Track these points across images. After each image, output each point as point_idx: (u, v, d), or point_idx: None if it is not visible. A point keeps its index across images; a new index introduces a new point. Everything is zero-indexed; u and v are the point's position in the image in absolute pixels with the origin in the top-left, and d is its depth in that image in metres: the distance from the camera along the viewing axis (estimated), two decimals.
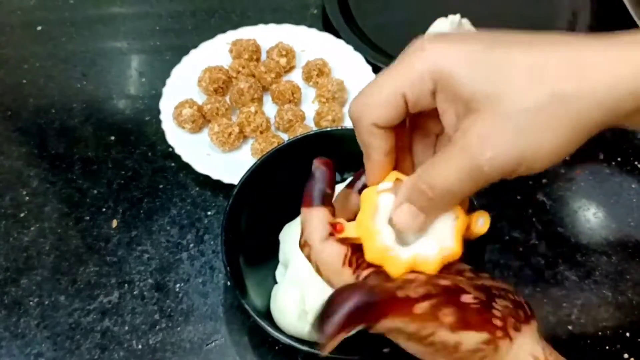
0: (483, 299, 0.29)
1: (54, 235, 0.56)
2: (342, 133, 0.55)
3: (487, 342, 0.29)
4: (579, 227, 0.57)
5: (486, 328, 0.29)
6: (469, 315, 0.29)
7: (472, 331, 0.28)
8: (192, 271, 0.54)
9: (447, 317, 0.28)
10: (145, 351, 0.49)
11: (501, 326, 0.29)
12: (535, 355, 0.30)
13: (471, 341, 0.29)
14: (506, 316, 0.29)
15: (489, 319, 0.29)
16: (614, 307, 0.52)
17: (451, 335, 0.28)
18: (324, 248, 0.31)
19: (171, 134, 0.60)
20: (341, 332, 0.27)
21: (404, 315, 0.28)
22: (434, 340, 0.28)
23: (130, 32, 0.74)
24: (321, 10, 0.76)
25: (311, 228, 0.31)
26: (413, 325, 0.28)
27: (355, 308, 0.27)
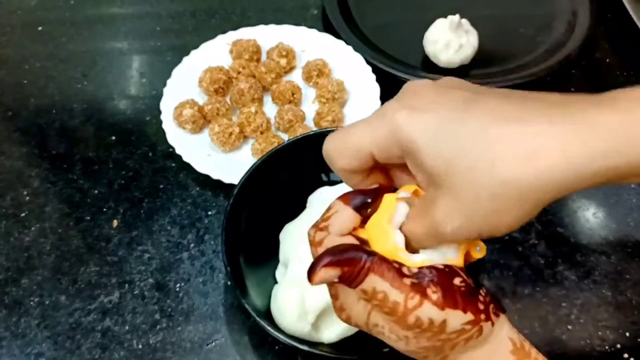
0: (471, 284, 0.31)
1: (55, 235, 0.56)
2: None
3: (472, 323, 0.30)
4: (579, 227, 0.57)
5: (471, 309, 0.30)
6: (457, 296, 0.30)
7: (459, 310, 0.29)
8: (193, 271, 0.54)
9: (435, 293, 0.29)
10: (145, 351, 0.49)
11: (484, 310, 0.30)
12: (512, 338, 0.31)
13: (456, 321, 0.29)
14: (488, 302, 0.31)
15: (474, 301, 0.30)
16: (614, 307, 0.52)
17: (438, 313, 0.29)
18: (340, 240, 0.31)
19: (172, 134, 0.61)
20: (331, 267, 0.29)
21: (392, 278, 0.29)
22: (420, 316, 0.29)
23: (130, 33, 0.74)
24: (321, 10, 0.76)
25: (337, 219, 0.32)
26: (399, 294, 0.29)
27: (351, 254, 0.29)
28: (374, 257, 0.30)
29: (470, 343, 0.30)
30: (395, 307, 0.29)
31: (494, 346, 0.31)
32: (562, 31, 0.73)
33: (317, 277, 0.29)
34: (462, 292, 0.30)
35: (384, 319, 0.30)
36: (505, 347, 0.31)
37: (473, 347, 0.31)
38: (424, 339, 0.30)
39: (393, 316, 0.29)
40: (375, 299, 0.29)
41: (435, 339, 0.30)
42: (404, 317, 0.29)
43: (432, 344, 0.30)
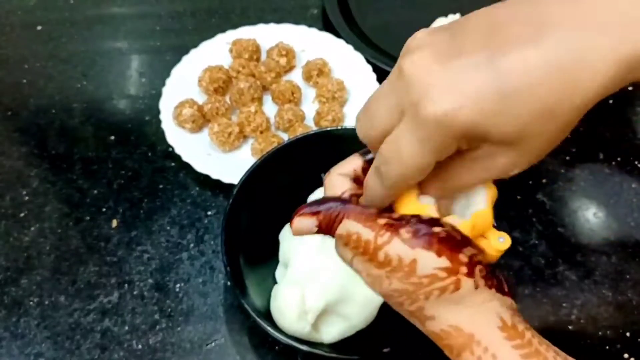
0: (456, 237, 0.29)
1: (54, 235, 0.56)
2: (342, 133, 0.55)
3: (447, 270, 0.28)
4: (579, 227, 0.57)
5: (447, 255, 0.28)
6: (433, 239, 0.28)
7: (431, 252, 0.28)
8: (192, 271, 0.54)
9: (407, 233, 0.29)
10: (145, 351, 0.49)
11: (466, 263, 0.29)
12: (502, 316, 0.29)
13: (428, 263, 0.28)
14: (475, 261, 0.29)
15: (454, 250, 0.28)
16: (614, 307, 0.52)
17: (407, 250, 0.28)
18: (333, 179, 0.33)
19: (171, 134, 0.60)
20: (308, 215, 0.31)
21: (364, 219, 0.30)
22: (389, 252, 0.29)
23: (130, 32, 0.74)
24: (321, 10, 0.76)
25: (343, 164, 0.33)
26: (370, 232, 0.29)
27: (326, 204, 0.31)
28: (350, 205, 0.31)
29: (445, 295, 0.29)
30: (367, 246, 0.29)
31: (478, 313, 0.29)
32: None
33: (293, 226, 0.31)
34: (440, 238, 0.28)
35: (360, 262, 0.30)
36: (492, 321, 0.29)
37: (451, 303, 0.29)
38: (396, 279, 0.29)
39: (366, 255, 0.30)
40: (350, 241, 0.30)
41: (406, 280, 0.29)
42: (374, 254, 0.29)
43: (404, 287, 0.29)
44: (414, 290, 0.29)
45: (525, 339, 0.29)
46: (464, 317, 0.29)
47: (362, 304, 0.45)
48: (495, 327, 0.29)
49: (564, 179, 0.60)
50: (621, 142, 0.63)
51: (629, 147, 0.63)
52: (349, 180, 0.33)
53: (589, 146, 0.63)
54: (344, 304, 0.45)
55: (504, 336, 0.29)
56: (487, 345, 0.29)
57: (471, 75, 0.25)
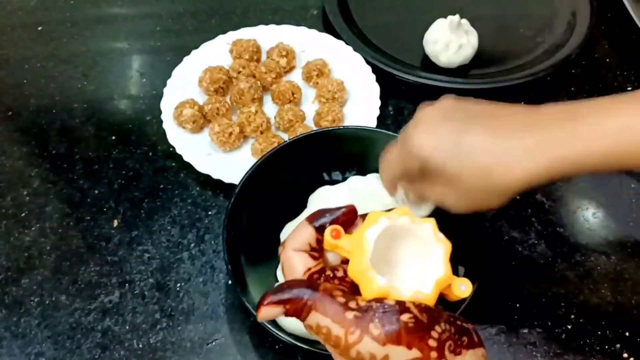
0: (423, 321, 0.30)
1: (55, 235, 0.56)
2: (342, 133, 0.55)
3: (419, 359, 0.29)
4: (578, 227, 0.57)
5: (418, 346, 0.29)
6: (402, 331, 0.29)
7: (402, 346, 0.29)
8: (193, 271, 0.54)
9: (377, 329, 0.29)
10: (146, 350, 0.49)
11: (436, 347, 0.29)
12: None
13: (400, 357, 0.29)
14: (444, 339, 0.30)
15: (423, 337, 0.29)
16: (614, 307, 0.52)
17: (378, 348, 0.29)
18: (293, 255, 0.33)
19: (172, 134, 0.61)
20: (274, 305, 0.31)
21: (334, 314, 0.30)
22: (360, 350, 0.29)
23: (131, 33, 0.74)
24: (321, 11, 0.76)
25: (295, 236, 0.34)
26: (340, 329, 0.29)
27: (293, 294, 0.31)
28: (316, 293, 0.30)
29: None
30: (338, 341, 0.30)
31: None
32: (562, 31, 0.73)
33: (260, 315, 0.31)
34: (409, 328, 0.29)
35: (331, 349, 0.31)
36: None
37: None
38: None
39: (337, 349, 0.30)
40: (320, 333, 0.30)
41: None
42: (346, 351, 0.29)
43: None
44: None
45: None
46: None
47: None
48: None
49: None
50: None
51: None
52: (306, 255, 0.33)
53: None
54: None
55: None
56: None
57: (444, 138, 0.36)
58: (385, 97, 0.65)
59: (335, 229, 0.33)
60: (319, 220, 0.34)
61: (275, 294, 0.31)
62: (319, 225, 0.34)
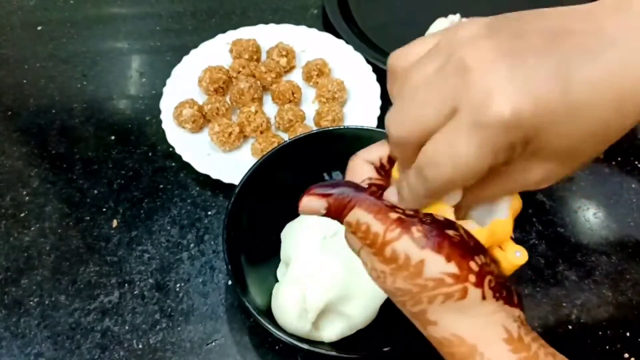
0: (469, 243, 0.28)
1: (55, 235, 0.56)
2: (342, 132, 0.55)
3: (455, 277, 0.27)
4: (579, 227, 0.57)
5: (457, 261, 0.27)
6: (444, 242, 0.27)
7: (440, 256, 0.27)
8: (193, 271, 0.54)
9: (418, 232, 0.28)
10: (145, 351, 0.49)
11: (477, 272, 0.28)
12: (508, 328, 0.28)
13: (436, 267, 0.27)
14: (486, 272, 0.28)
15: (465, 256, 0.27)
16: (614, 307, 0.52)
17: (416, 250, 0.27)
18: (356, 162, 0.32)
19: (171, 134, 0.61)
20: (318, 196, 0.30)
21: (377, 211, 0.29)
22: (396, 249, 0.28)
23: (130, 33, 0.74)
24: (321, 10, 0.76)
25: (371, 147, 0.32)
26: (380, 225, 0.28)
27: (339, 189, 0.30)
28: (363, 194, 0.29)
29: (449, 303, 0.28)
30: (375, 238, 0.28)
31: (483, 323, 0.28)
32: None
33: (301, 205, 0.30)
34: (453, 242, 0.27)
35: (367, 253, 0.29)
36: (497, 333, 0.28)
37: (455, 311, 0.28)
38: (400, 278, 0.28)
39: (373, 248, 0.29)
40: (359, 231, 0.29)
41: (410, 281, 0.28)
42: (381, 249, 0.28)
43: (407, 287, 0.28)
44: (418, 292, 0.28)
45: (531, 351, 0.28)
46: (467, 326, 0.28)
47: (363, 303, 0.46)
48: (499, 339, 0.28)
49: (563, 179, 0.60)
50: (621, 142, 0.63)
51: (629, 147, 0.63)
52: (372, 168, 0.31)
53: None
54: (344, 303, 0.45)
55: (508, 349, 0.28)
56: (490, 358, 0.28)
57: (540, 80, 0.23)
58: (386, 97, 0.65)
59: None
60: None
61: (321, 186, 0.30)
62: None
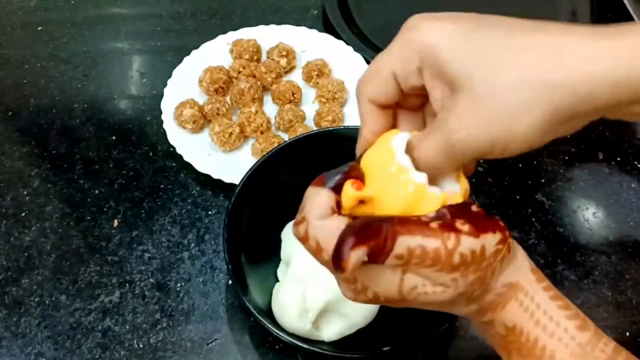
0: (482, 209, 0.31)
1: (55, 235, 0.56)
2: (343, 133, 0.55)
3: (502, 241, 0.30)
4: (578, 227, 0.57)
5: (498, 228, 0.30)
6: (482, 221, 0.29)
7: (489, 233, 0.29)
8: (193, 271, 0.54)
9: (465, 225, 0.29)
10: (146, 350, 0.49)
11: (504, 227, 0.30)
12: (532, 267, 0.32)
13: (491, 243, 0.29)
14: (503, 226, 0.30)
15: (495, 220, 0.30)
16: (614, 306, 0.52)
17: (475, 241, 0.29)
18: (322, 224, 0.29)
19: (172, 134, 0.61)
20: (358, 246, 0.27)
21: (421, 230, 0.28)
22: (463, 251, 0.28)
23: (131, 33, 0.74)
24: (321, 11, 0.76)
25: (313, 205, 0.29)
26: (436, 240, 0.28)
27: (371, 225, 0.28)
28: (392, 218, 0.28)
29: (504, 263, 0.30)
30: (437, 254, 0.28)
31: (519, 263, 0.31)
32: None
33: (350, 264, 0.27)
34: (483, 216, 0.30)
35: (423, 275, 0.29)
36: (526, 265, 0.32)
37: (507, 266, 0.31)
38: (470, 273, 0.29)
39: (437, 265, 0.28)
40: (413, 257, 0.28)
41: (479, 269, 0.29)
42: (448, 260, 0.28)
43: (477, 276, 0.29)
44: (484, 274, 0.30)
45: (547, 281, 0.32)
46: (512, 272, 0.31)
47: None
48: (529, 270, 0.32)
49: (563, 178, 0.61)
50: (621, 142, 0.64)
51: (629, 147, 0.63)
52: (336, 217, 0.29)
53: (588, 146, 0.63)
54: (344, 303, 0.45)
55: (535, 279, 0.31)
56: (528, 289, 0.31)
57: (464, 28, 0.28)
58: None
59: (355, 181, 0.29)
60: (330, 181, 0.30)
61: (354, 234, 0.27)
62: (335, 186, 0.29)
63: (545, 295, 0.31)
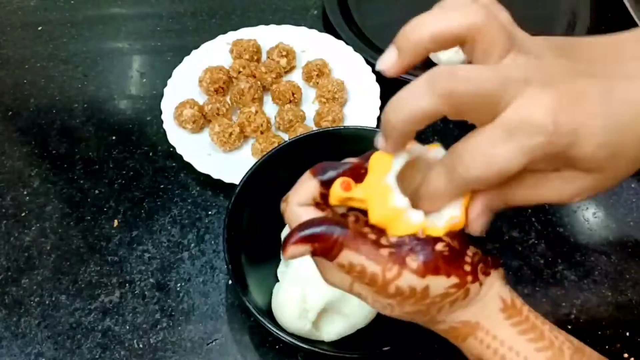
0: (456, 247, 0.30)
1: (55, 235, 0.56)
2: (343, 133, 0.55)
3: (457, 286, 0.29)
4: (578, 227, 0.57)
5: (456, 272, 0.29)
6: (439, 261, 0.29)
7: (441, 275, 0.29)
8: (193, 271, 0.54)
9: (415, 261, 0.29)
10: (146, 350, 0.49)
11: (470, 271, 0.30)
12: (502, 297, 0.31)
13: (439, 286, 0.29)
14: (476, 262, 0.30)
15: (459, 264, 0.30)
16: (614, 306, 0.52)
17: (418, 280, 0.29)
18: (298, 210, 0.31)
19: (172, 134, 0.61)
20: (301, 243, 0.29)
21: (368, 251, 0.29)
22: (400, 285, 0.29)
23: (131, 33, 0.74)
24: (321, 11, 0.76)
25: (299, 191, 0.31)
26: (376, 266, 0.29)
27: (322, 230, 0.29)
28: (347, 230, 0.29)
29: (456, 305, 0.30)
30: (374, 278, 0.29)
31: (483, 305, 0.31)
32: (562, 31, 0.73)
33: (287, 254, 0.29)
34: (445, 257, 0.29)
35: (365, 289, 0.30)
36: (495, 306, 0.31)
37: (460, 307, 0.30)
38: (408, 305, 0.30)
39: (373, 287, 0.29)
40: (353, 271, 0.29)
41: (419, 304, 0.30)
42: (384, 287, 0.29)
43: (416, 309, 0.30)
44: (427, 309, 0.30)
45: (522, 315, 0.31)
46: (471, 312, 0.31)
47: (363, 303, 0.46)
48: (497, 310, 0.31)
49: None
50: None
51: None
52: (312, 208, 0.31)
53: None
54: (344, 303, 0.45)
55: (504, 317, 0.31)
56: (489, 328, 0.31)
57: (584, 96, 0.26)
58: (385, 97, 0.65)
59: (345, 180, 0.30)
60: (324, 174, 0.31)
61: (302, 230, 0.29)
62: (326, 180, 0.31)
63: (514, 331, 0.30)
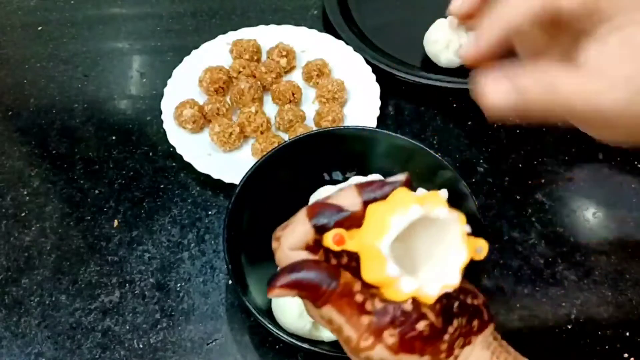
0: (438, 327, 0.29)
1: (55, 235, 0.56)
2: (343, 133, 0.55)
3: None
4: (579, 227, 0.57)
5: (430, 351, 0.29)
6: (416, 341, 0.29)
7: (414, 355, 0.29)
8: (193, 271, 0.54)
9: (392, 337, 0.28)
10: (146, 350, 0.49)
11: (446, 349, 0.29)
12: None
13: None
14: (455, 338, 0.30)
15: (436, 343, 0.29)
16: (614, 306, 0.52)
17: (390, 356, 0.28)
18: (288, 254, 0.30)
19: (172, 134, 0.61)
20: (288, 288, 0.29)
21: (350, 315, 0.29)
22: (371, 356, 0.29)
23: (131, 33, 0.75)
24: (321, 11, 0.76)
25: (292, 234, 0.30)
26: (354, 332, 0.29)
27: (312, 279, 0.29)
28: (336, 284, 0.29)
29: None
30: (349, 341, 0.29)
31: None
32: None
33: (272, 295, 0.29)
34: (424, 337, 0.29)
35: (340, 342, 0.30)
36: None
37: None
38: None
39: (347, 346, 0.30)
40: (332, 326, 0.29)
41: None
42: (356, 352, 0.29)
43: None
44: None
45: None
46: None
47: None
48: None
49: (563, 179, 0.61)
50: None
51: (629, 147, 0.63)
52: (305, 253, 0.30)
53: (588, 146, 0.63)
54: None
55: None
56: None
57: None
58: (385, 97, 0.65)
59: (338, 234, 0.29)
60: (319, 219, 0.30)
61: (290, 273, 0.29)
62: (320, 226, 0.30)
63: None
